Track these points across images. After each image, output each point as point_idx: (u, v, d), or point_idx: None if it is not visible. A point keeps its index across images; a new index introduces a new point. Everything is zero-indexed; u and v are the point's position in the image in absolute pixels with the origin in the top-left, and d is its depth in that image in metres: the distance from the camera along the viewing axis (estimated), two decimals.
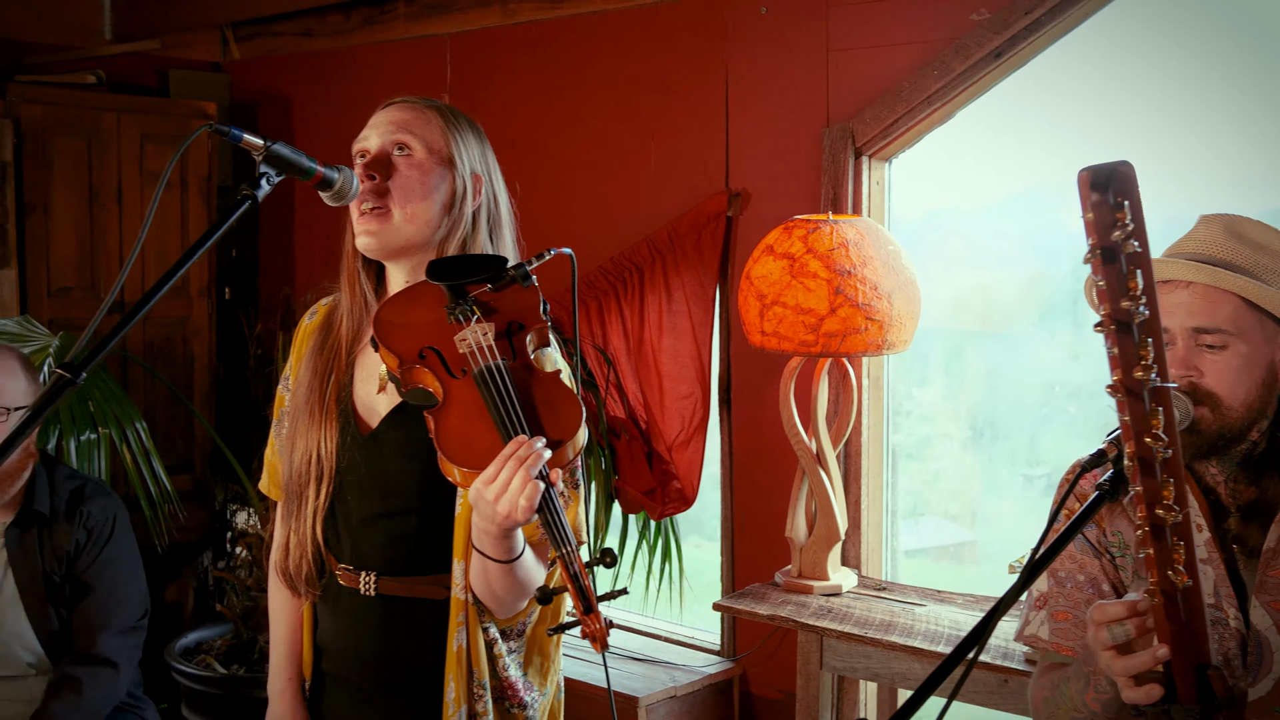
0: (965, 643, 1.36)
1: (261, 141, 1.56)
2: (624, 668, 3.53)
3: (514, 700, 1.88)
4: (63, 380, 1.32)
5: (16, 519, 2.73)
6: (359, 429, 1.89)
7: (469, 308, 1.70)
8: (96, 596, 2.78)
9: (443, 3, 4.15)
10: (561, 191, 3.85)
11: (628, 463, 3.67)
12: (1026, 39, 2.98)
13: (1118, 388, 1.25)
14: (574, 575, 1.48)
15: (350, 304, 1.94)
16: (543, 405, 1.62)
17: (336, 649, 1.96)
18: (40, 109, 3.95)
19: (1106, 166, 1.20)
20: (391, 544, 1.87)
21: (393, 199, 1.82)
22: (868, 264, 2.90)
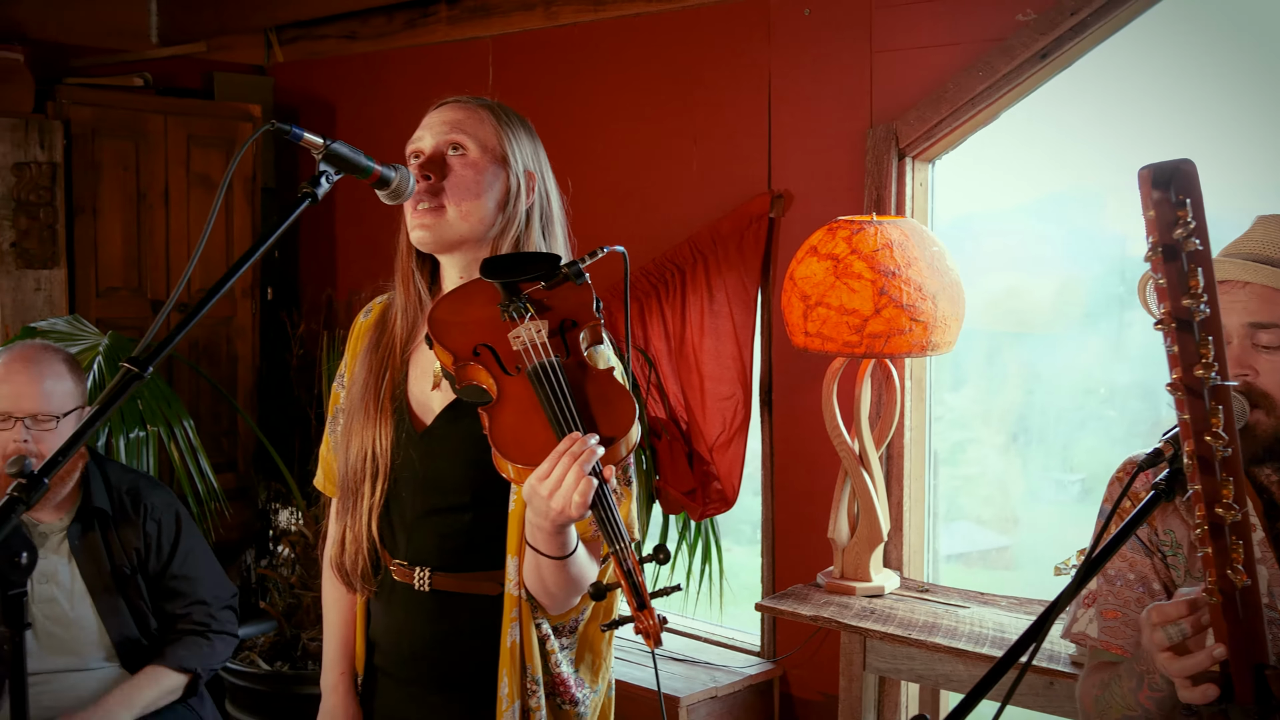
0: (1021, 642, 1.36)
1: (321, 140, 1.57)
2: (665, 668, 3.54)
3: (566, 697, 1.89)
4: (130, 374, 1.34)
5: (77, 516, 2.77)
6: (414, 426, 1.91)
7: (523, 305, 1.72)
8: (192, 585, 2.86)
9: (485, 5, 4.17)
10: (603, 193, 3.86)
11: (668, 463, 3.68)
12: (1072, 40, 2.97)
13: (1177, 386, 1.25)
14: (627, 571, 1.48)
15: (404, 301, 1.96)
16: (596, 402, 1.63)
17: (389, 644, 1.97)
18: (89, 111, 4.01)
19: (1169, 164, 1.20)
20: (446, 540, 1.88)
21: (447, 197, 1.84)
22: (912, 265, 2.90)
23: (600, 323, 1.74)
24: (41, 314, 3.82)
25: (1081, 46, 3.00)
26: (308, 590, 3.97)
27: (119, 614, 2.77)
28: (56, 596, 2.72)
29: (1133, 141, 3.16)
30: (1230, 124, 3.01)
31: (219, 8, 4.63)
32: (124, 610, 2.78)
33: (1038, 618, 1.37)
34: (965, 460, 3.63)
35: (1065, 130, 3.26)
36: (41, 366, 2.68)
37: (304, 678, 3.76)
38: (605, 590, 1.54)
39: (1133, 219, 3.31)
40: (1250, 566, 1.32)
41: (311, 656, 3.87)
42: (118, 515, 2.80)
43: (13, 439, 2.65)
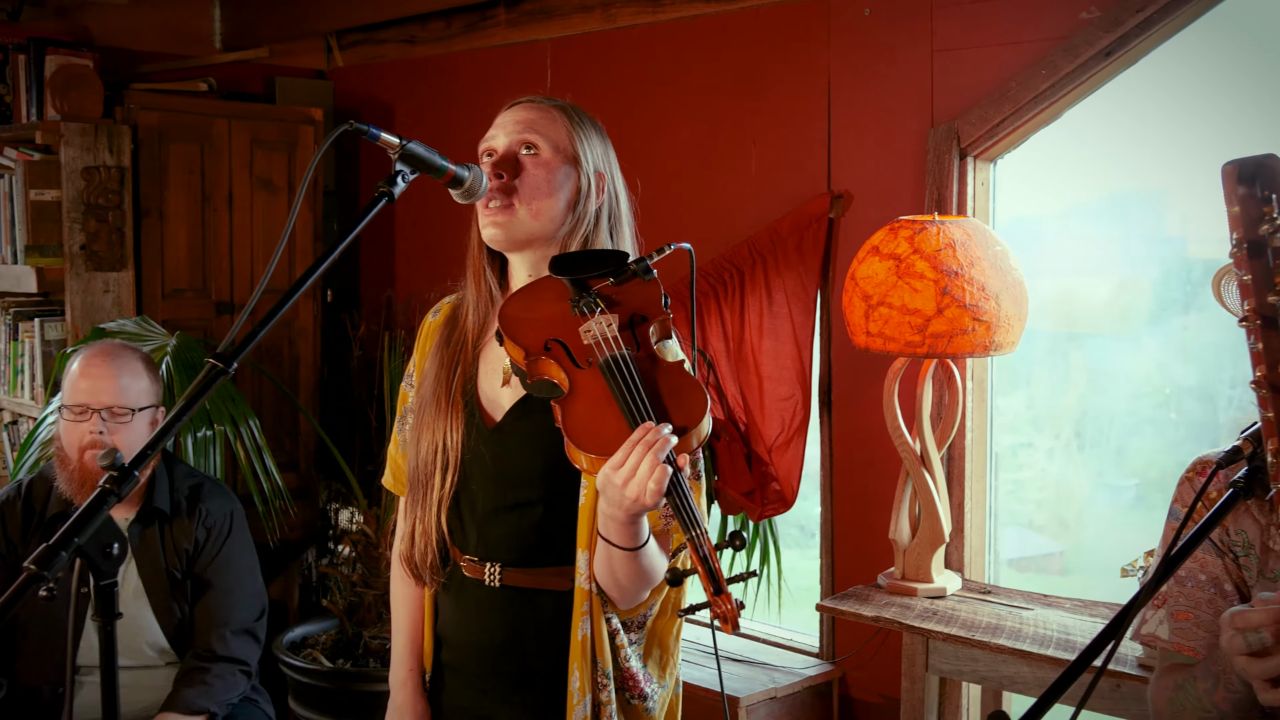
0: (1096, 643, 1.35)
1: (397, 140, 1.60)
2: (724, 668, 3.54)
3: (634, 691, 1.90)
4: (215, 370, 1.37)
5: (138, 516, 2.82)
6: (484, 421, 1.93)
7: (593, 300, 1.74)
8: (217, 594, 2.86)
9: (544, 8, 4.20)
10: (661, 195, 3.87)
11: (727, 464, 3.68)
12: (1137, 37, 2.94)
13: (1261, 383, 1.24)
14: (704, 558, 1.50)
15: (475, 298, 1.98)
16: (668, 393, 1.65)
17: (458, 640, 2.00)
18: (156, 115, 4.07)
19: (1253, 159, 1.20)
20: (516, 535, 1.90)
21: (520, 196, 1.87)
22: (975, 264, 2.89)
23: (669, 317, 1.76)
24: (110, 315, 3.88)
25: (1147, 44, 2.97)
26: (369, 588, 4.01)
27: (172, 613, 2.82)
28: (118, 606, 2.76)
29: (1196, 141, 3.13)
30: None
31: (281, 14, 4.70)
32: (176, 610, 2.82)
33: (1114, 618, 1.36)
34: (1018, 464, 3.61)
35: (1128, 130, 3.23)
36: (119, 362, 2.74)
37: (366, 675, 3.80)
38: (682, 576, 1.57)
39: (1195, 219, 3.28)
40: None
41: (373, 654, 3.91)
42: (175, 515, 2.84)
43: (89, 430, 2.71)
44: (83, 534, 1.23)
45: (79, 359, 2.79)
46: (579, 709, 1.85)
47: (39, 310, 4.01)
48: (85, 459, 2.73)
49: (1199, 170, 3.16)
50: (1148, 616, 1.87)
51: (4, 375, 4.13)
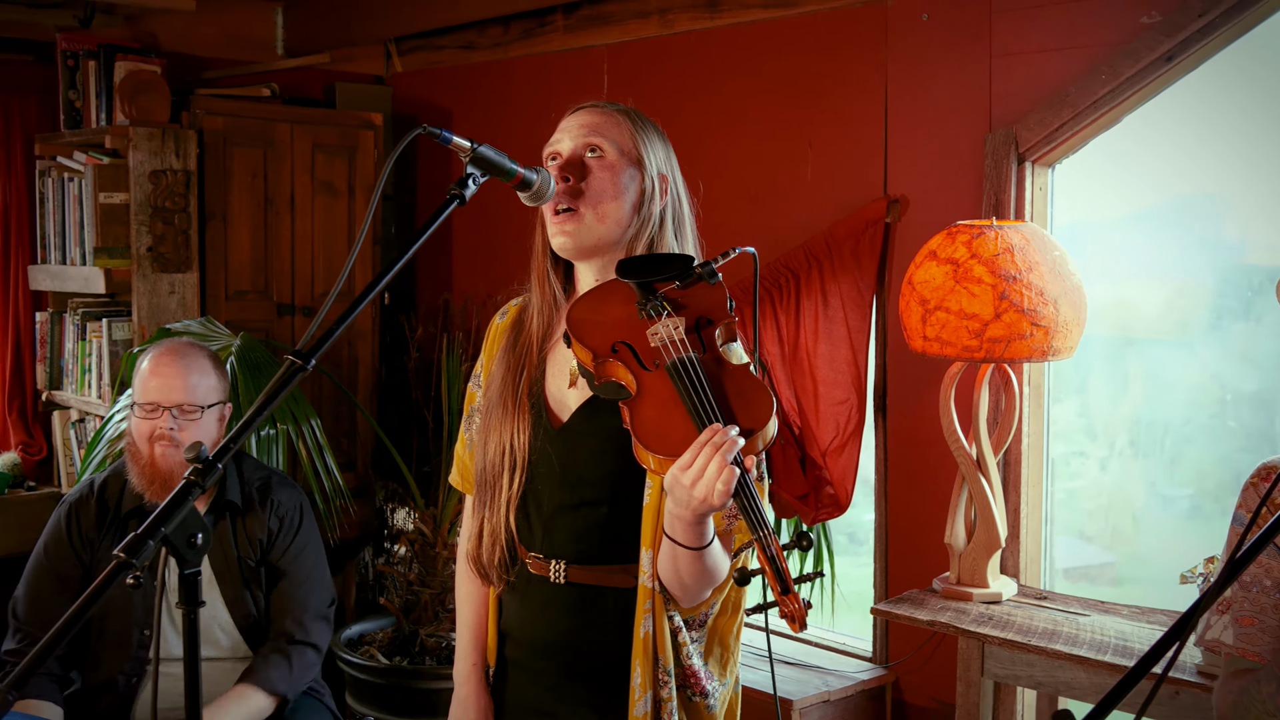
0: (1158, 647, 1.35)
1: (469, 144, 1.63)
2: (777, 671, 3.55)
3: (696, 689, 1.92)
4: (294, 366, 1.41)
5: (210, 508, 2.88)
6: (550, 422, 1.96)
7: (659, 303, 1.77)
8: (292, 582, 2.92)
9: (601, 15, 4.23)
10: (718, 200, 3.88)
11: (781, 467, 3.69)
12: (1199, 42, 2.93)
13: None
14: (771, 557, 1.52)
15: (540, 302, 2.02)
16: (734, 395, 1.66)
17: (524, 636, 2.02)
18: (221, 120, 4.15)
19: None
20: (582, 534, 1.93)
21: (586, 200, 1.90)
22: (1033, 269, 2.88)
23: (735, 320, 1.78)
24: (175, 316, 3.96)
25: (1209, 49, 2.96)
26: (425, 587, 4.06)
27: (244, 603, 2.88)
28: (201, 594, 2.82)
29: (1256, 147, 3.11)
30: None
31: (341, 20, 4.77)
32: (248, 600, 2.88)
33: (1176, 622, 1.37)
34: (1071, 472, 3.58)
35: (1187, 135, 3.22)
36: (189, 361, 2.81)
37: (422, 672, 3.84)
38: (750, 575, 1.57)
39: (1254, 225, 3.25)
40: None
41: (429, 652, 3.95)
42: (246, 508, 2.90)
43: (159, 427, 2.77)
44: (169, 524, 1.27)
45: (149, 357, 2.85)
46: (640, 704, 1.88)
47: (106, 311, 4.10)
48: (157, 455, 2.79)
49: (1258, 176, 3.14)
50: (1211, 622, 1.87)
51: (73, 374, 4.22)
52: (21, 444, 4.37)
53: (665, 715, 1.89)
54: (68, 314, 4.22)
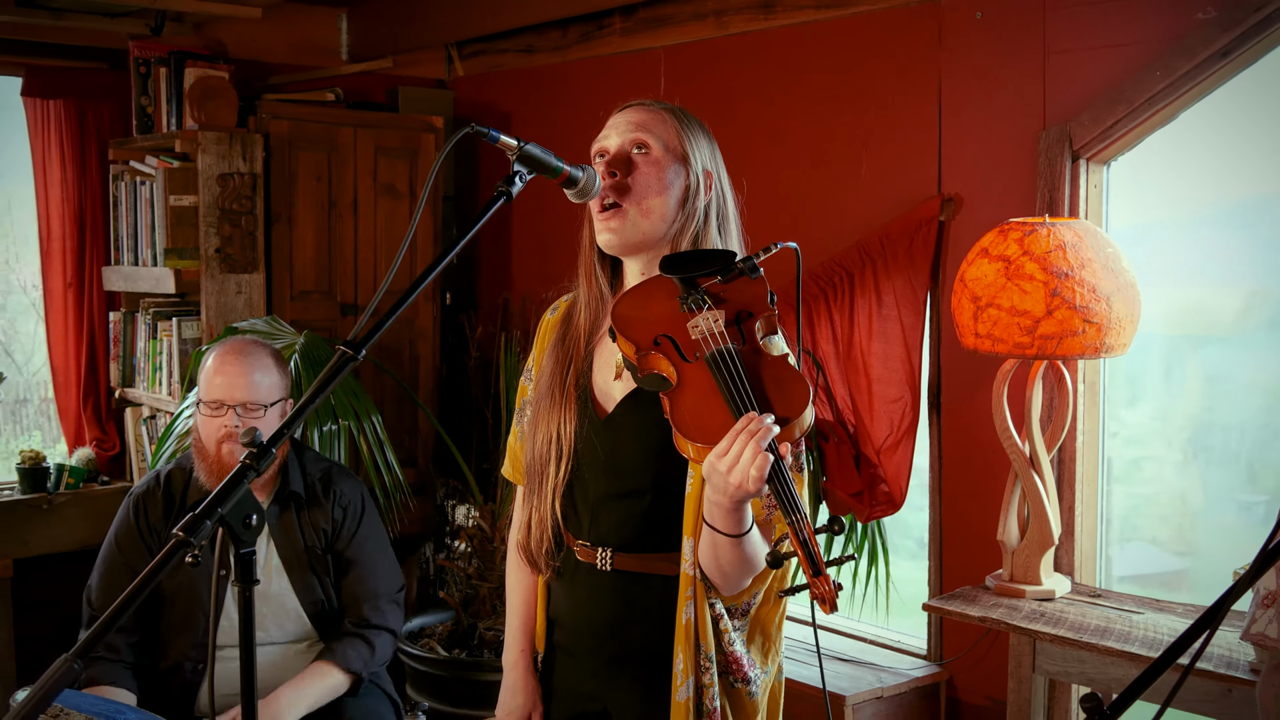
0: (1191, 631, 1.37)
1: (515, 142, 1.68)
2: (831, 668, 3.57)
3: (738, 675, 1.96)
4: (346, 357, 1.47)
5: (275, 498, 2.97)
6: (596, 413, 2.02)
7: (700, 297, 1.81)
8: (362, 569, 3.01)
9: (658, 17, 4.28)
10: (773, 199, 3.92)
11: (835, 465, 3.71)
12: (1256, 36, 2.90)
13: None
14: (803, 541, 1.56)
15: (587, 296, 2.07)
16: (771, 385, 1.70)
17: (571, 622, 2.08)
18: (286, 125, 4.25)
19: None
20: (626, 522, 1.98)
21: (631, 196, 1.94)
22: (1086, 266, 2.88)
23: (774, 314, 1.81)
24: (241, 315, 4.07)
25: (1266, 43, 2.93)
26: (484, 581, 4.13)
27: (312, 589, 2.96)
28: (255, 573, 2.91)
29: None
30: None
31: (404, 26, 4.86)
32: (316, 586, 2.96)
33: (1206, 610, 1.38)
34: (1140, 479, 3.55)
35: (1251, 132, 3.19)
36: (252, 359, 2.89)
37: (480, 664, 3.91)
38: (782, 559, 1.61)
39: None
40: None
41: (487, 645, 4.02)
42: (310, 498, 2.98)
43: (224, 425, 2.86)
44: (225, 505, 1.33)
45: (213, 356, 2.94)
46: (682, 689, 1.92)
47: (176, 310, 4.21)
48: (223, 452, 2.88)
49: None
50: (1257, 616, 1.87)
51: (144, 372, 4.35)
52: (96, 440, 4.50)
53: (707, 701, 1.93)
54: (139, 314, 4.35)
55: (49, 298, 4.48)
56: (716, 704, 1.93)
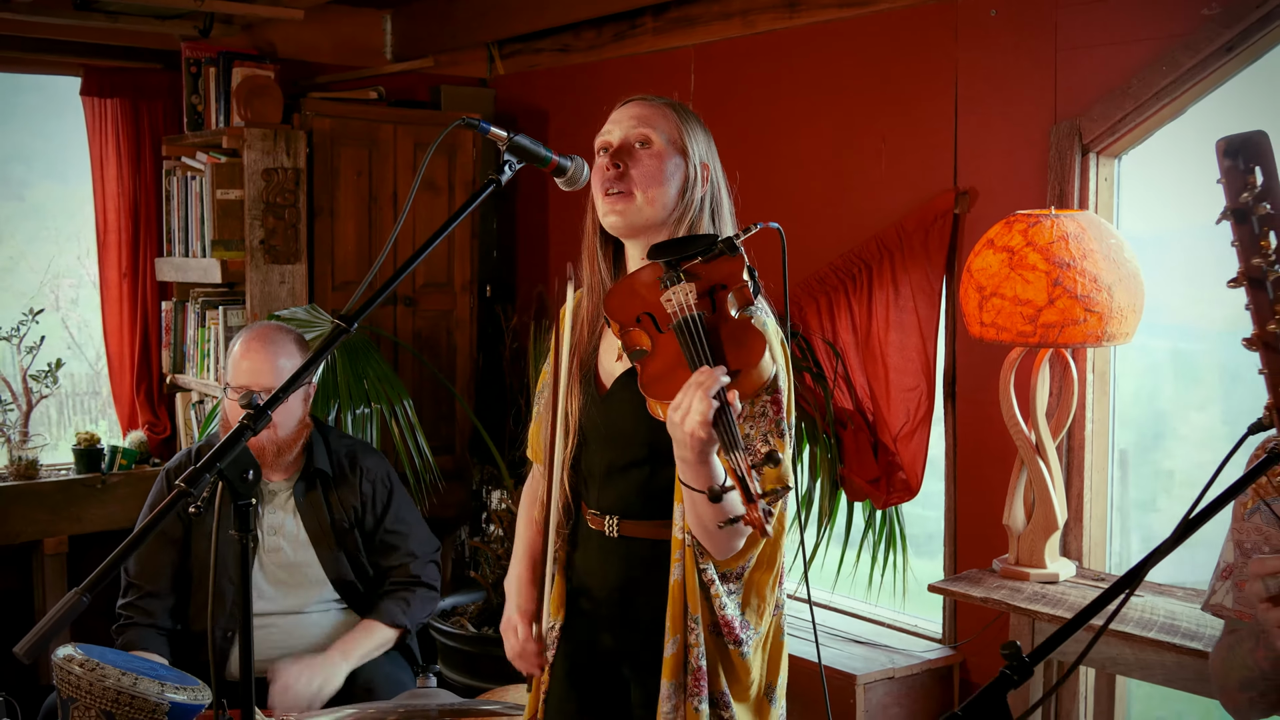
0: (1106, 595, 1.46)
1: (505, 133, 1.81)
2: (845, 649, 3.66)
3: (730, 637, 2.08)
4: (339, 329, 1.60)
5: (301, 476, 3.12)
6: (598, 391, 2.18)
7: (677, 275, 1.94)
8: (398, 538, 3.20)
9: (688, 16, 4.39)
10: (796, 192, 4.02)
11: (854, 453, 3.80)
12: (1259, 32, 2.96)
13: (1254, 341, 1.34)
14: (740, 475, 1.69)
15: (591, 280, 2.23)
16: (729, 342, 1.84)
17: (585, 586, 2.24)
18: (329, 122, 4.42)
19: (1240, 136, 1.32)
20: (628, 491, 2.15)
21: (635, 184, 2.08)
22: (1088, 257, 2.96)
23: (747, 286, 1.92)
24: (285, 304, 4.24)
25: (1269, 39, 2.99)
26: None
27: (338, 563, 3.11)
28: (283, 547, 3.08)
29: None
30: None
31: (447, 26, 5.01)
32: (343, 560, 3.12)
33: (1125, 574, 1.47)
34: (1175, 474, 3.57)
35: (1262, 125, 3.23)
36: (276, 346, 3.04)
37: None
38: (720, 492, 1.72)
39: None
40: None
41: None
42: (337, 476, 3.14)
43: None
44: (224, 460, 1.47)
45: (239, 342, 3.09)
46: (670, 645, 2.05)
47: (223, 299, 4.40)
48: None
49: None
50: (1216, 588, 1.95)
51: (194, 359, 4.54)
52: (148, 423, 4.70)
53: (693, 659, 2.05)
54: (189, 303, 4.54)
55: (105, 288, 4.69)
56: (702, 663, 2.05)
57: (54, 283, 5.03)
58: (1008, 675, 1.42)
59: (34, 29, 4.30)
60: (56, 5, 4.14)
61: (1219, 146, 1.34)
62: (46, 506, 4.30)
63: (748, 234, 1.96)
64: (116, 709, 2.36)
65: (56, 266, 5.02)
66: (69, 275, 5.04)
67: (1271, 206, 1.31)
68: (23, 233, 4.99)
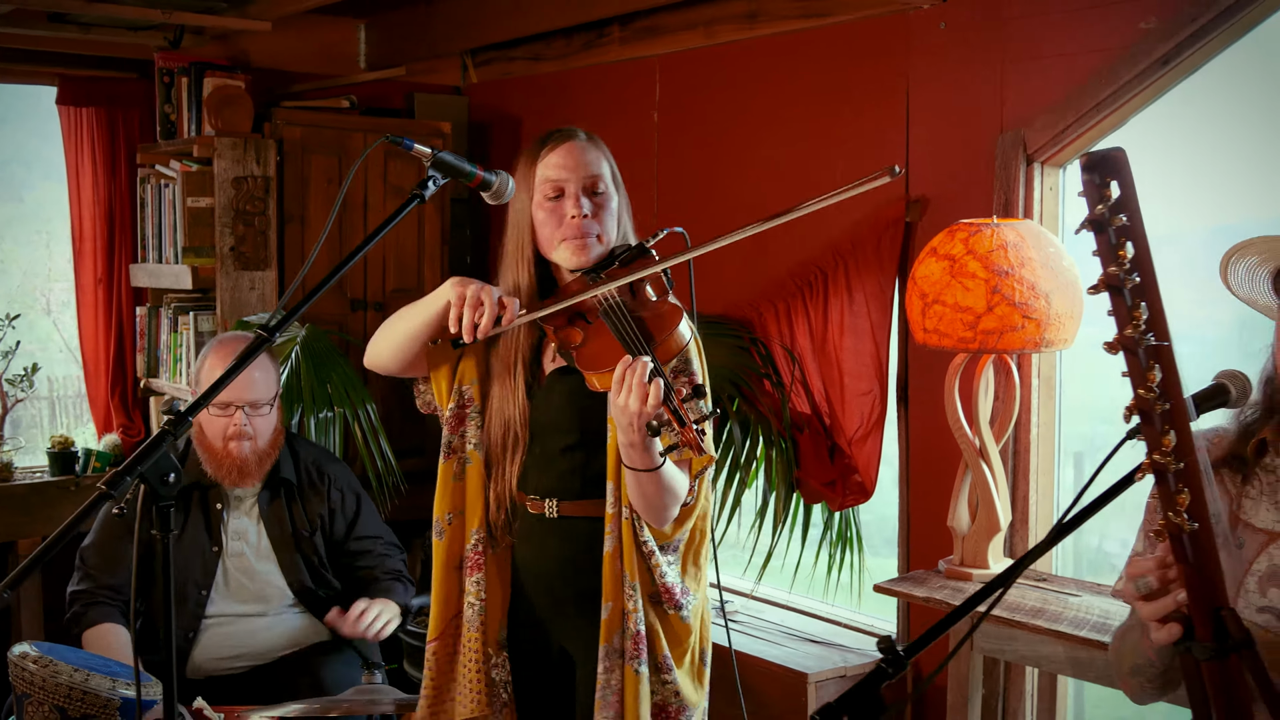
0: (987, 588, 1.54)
1: (429, 150, 1.89)
2: (800, 648, 3.74)
3: (671, 603, 2.32)
4: (261, 339, 1.68)
5: (265, 485, 3.20)
6: (536, 387, 2.41)
7: (598, 276, 2.24)
8: (374, 541, 3.34)
9: (653, 27, 4.46)
10: (757, 198, 4.10)
11: (811, 456, 3.88)
12: (1193, 46, 3.03)
13: (1115, 344, 1.42)
14: (674, 410, 1.99)
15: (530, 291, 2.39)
16: (650, 319, 2.15)
17: (530, 570, 2.43)
18: (300, 130, 4.49)
19: (1100, 152, 1.41)
20: (565, 474, 2.38)
21: (601, 228, 2.33)
22: (1026, 265, 3.03)
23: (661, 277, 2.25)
24: (254, 310, 4.31)
25: (1204, 52, 3.06)
26: None
27: (298, 569, 3.19)
28: (245, 552, 3.16)
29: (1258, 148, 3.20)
30: None
31: (420, 36, 5.08)
32: (302, 566, 3.19)
33: (1006, 570, 1.55)
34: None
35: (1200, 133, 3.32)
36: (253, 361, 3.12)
37: None
38: (659, 428, 1.99)
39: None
40: (1201, 515, 1.47)
41: None
42: (304, 485, 3.22)
43: (233, 424, 3.09)
44: (145, 464, 1.54)
45: (209, 355, 3.16)
46: (605, 609, 2.29)
47: (195, 305, 4.47)
48: (232, 450, 3.11)
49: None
50: (1124, 574, 2.03)
51: (167, 363, 4.61)
52: (122, 426, 4.78)
53: (631, 625, 2.29)
54: (163, 308, 4.61)
55: (81, 293, 4.76)
56: (641, 627, 2.28)
57: (46, 286, 5.12)
58: (882, 668, 1.49)
59: (10, 40, 4.38)
60: (31, 17, 4.22)
61: (1081, 162, 1.42)
62: (21, 508, 4.38)
63: (656, 238, 2.26)
64: (69, 704, 2.44)
65: (53, 270, 5.11)
66: (62, 279, 5.12)
67: (1127, 218, 1.39)
68: (22, 235, 5.09)
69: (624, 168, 2.56)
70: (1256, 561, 1.86)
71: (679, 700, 2.34)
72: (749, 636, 3.87)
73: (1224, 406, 1.73)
